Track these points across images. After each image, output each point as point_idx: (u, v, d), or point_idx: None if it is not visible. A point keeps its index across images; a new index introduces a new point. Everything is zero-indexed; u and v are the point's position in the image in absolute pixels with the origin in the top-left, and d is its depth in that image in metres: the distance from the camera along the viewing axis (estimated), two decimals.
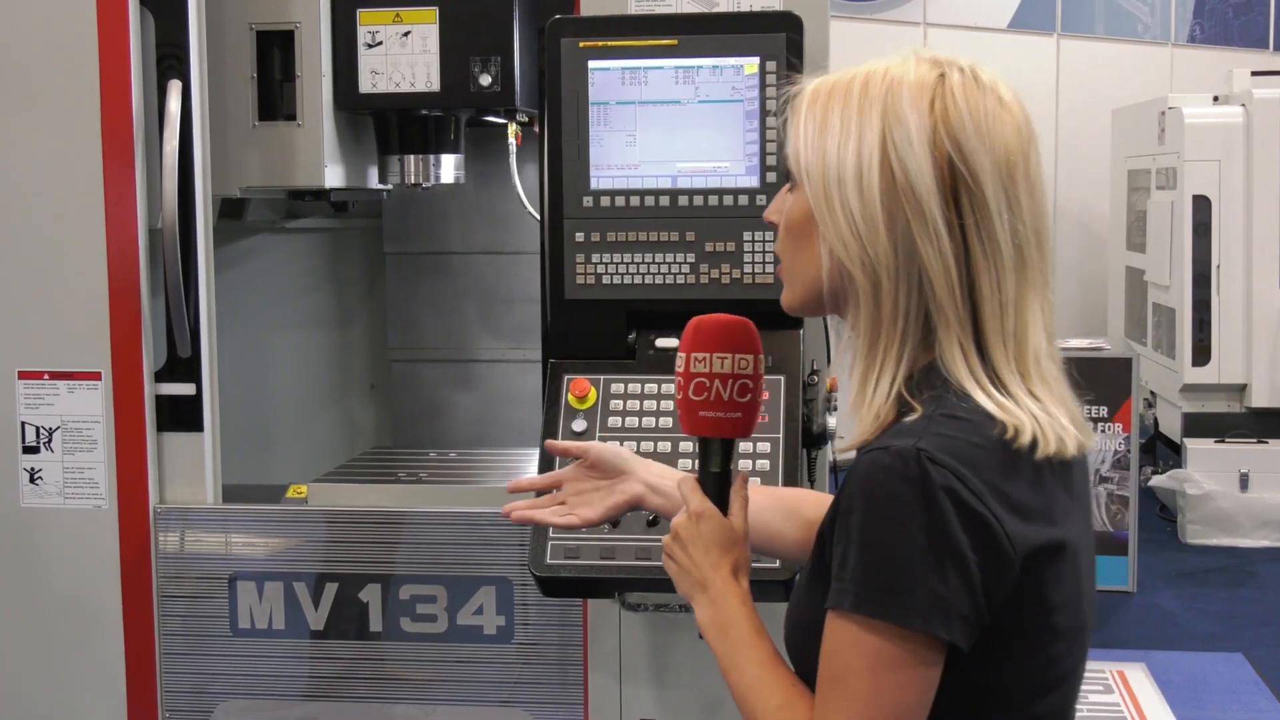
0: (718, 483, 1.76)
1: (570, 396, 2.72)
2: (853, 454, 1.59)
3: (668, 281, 2.73)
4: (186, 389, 3.06)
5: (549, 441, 2.24)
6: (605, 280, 2.75)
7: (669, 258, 2.73)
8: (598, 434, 2.68)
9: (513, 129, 3.28)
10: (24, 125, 3.00)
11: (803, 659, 1.62)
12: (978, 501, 1.47)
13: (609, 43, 2.71)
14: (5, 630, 3.08)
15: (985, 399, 1.53)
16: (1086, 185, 8.18)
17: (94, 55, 2.95)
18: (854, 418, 1.60)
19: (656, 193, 2.72)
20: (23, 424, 3.05)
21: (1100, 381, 5.63)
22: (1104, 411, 5.64)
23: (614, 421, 2.70)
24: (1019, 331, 1.57)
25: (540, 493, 2.17)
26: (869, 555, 1.48)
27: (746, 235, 2.67)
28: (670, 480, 2.02)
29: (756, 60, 2.68)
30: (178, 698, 3.06)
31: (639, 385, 2.71)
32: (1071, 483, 1.61)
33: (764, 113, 2.67)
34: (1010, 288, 1.56)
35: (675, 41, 2.70)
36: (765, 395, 2.47)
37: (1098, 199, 8.11)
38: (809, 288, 1.65)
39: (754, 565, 1.77)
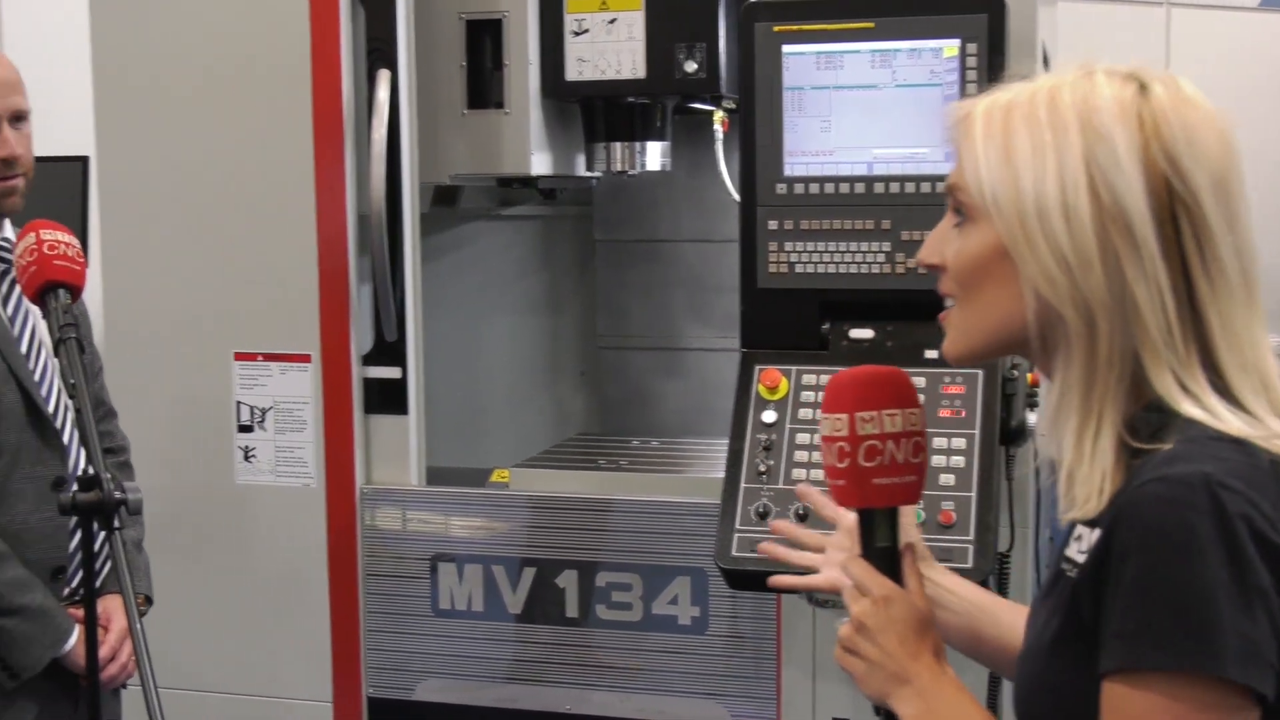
0: (889, 559, 1.57)
1: (761, 387, 2.68)
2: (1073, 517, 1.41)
3: (862, 271, 2.67)
4: (393, 372, 3.12)
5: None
6: (798, 269, 2.70)
7: (863, 246, 2.67)
8: (788, 425, 2.65)
9: (718, 115, 3.25)
10: (239, 115, 3.10)
11: None
12: (1273, 531, 1.29)
13: (804, 26, 2.66)
14: (219, 600, 3.20)
15: (1233, 419, 1.35)
16: None
17: (306, 46, 3.03)
18: (1072, 479, 1.40)
19: (851, 179, 2.67)
20: (238, 404, 3.16)
21: None
22: None
23: (804, 413, 2.65)
24: (1257, 363, 1.39)
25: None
26: (1164, 600, 1.28)
27: None
28: (957, 590, 1.79)
29: (956, 43, 2.59)
30: (380, 674, 3.13)
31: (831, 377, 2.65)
32: None
33: (964, 97, 2.58)
34: (1239, 316, 1.39)
35: (872, 24, 2.63)
36: None
37: None
38: (994, 334, 1.47)
39: None
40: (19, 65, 2.62)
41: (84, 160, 4.14)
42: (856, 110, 2.65)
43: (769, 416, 2.66)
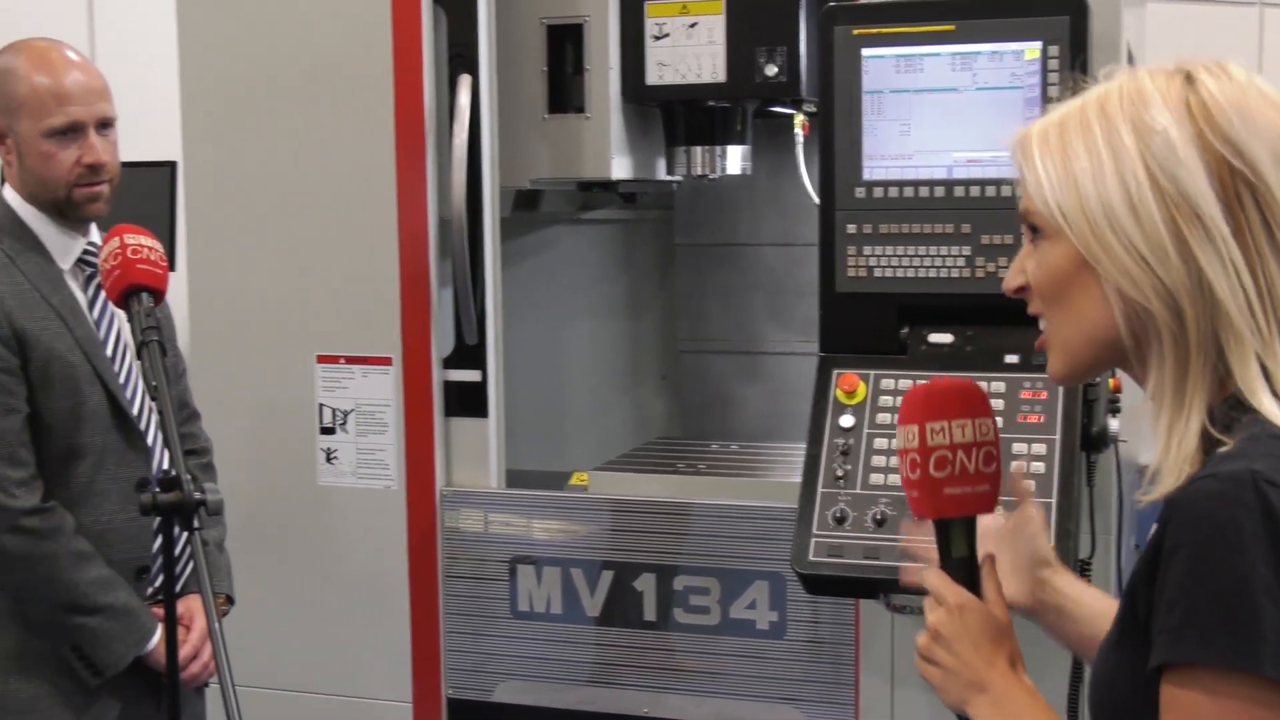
0: (966, 569, 1.59)
1: (838, 391, 2.67)
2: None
3: (942, 275, 2.65)
4: (473, 375, 3.14)
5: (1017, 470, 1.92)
6: (877, 273, 2.68)
7: (943, 250, 2.64)
8: (865, 430, 2.63)
9: (799, 119, 3.25)
10: (322, 121, 3.13)
11: None
12: None
13: (883, 29, 2.64)
14: (302, 601, 3.23)
15: None
16: None
17: (388, 52, 3.06)
18: (1160, 467, 1.40)
19: (931, 183, 2.64)
20: (320, 406, 3.19)
21: None
22: None
23: (883, 418, 2.63)
24: None
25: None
26: (1207, 594, 1.29)
27: None
28: (1082, 600, 1.79)
29: (1038, 45, 2.56)
30: (460, 674, 3.15)
31: (910, 381, 2.64)
32: None
33: (1045, 100, 2.55)
34: None
35: (952, 27, 2.61)
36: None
37: None
38: (1091, 343, 1.47)
39: None
40: (111, 73, 2.67)
41: (172, 165, 4.21)
42: (936, 113, 2.63)
43: (846, 421, 2.65)
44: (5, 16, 4.42)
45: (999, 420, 1.62)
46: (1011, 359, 2.61)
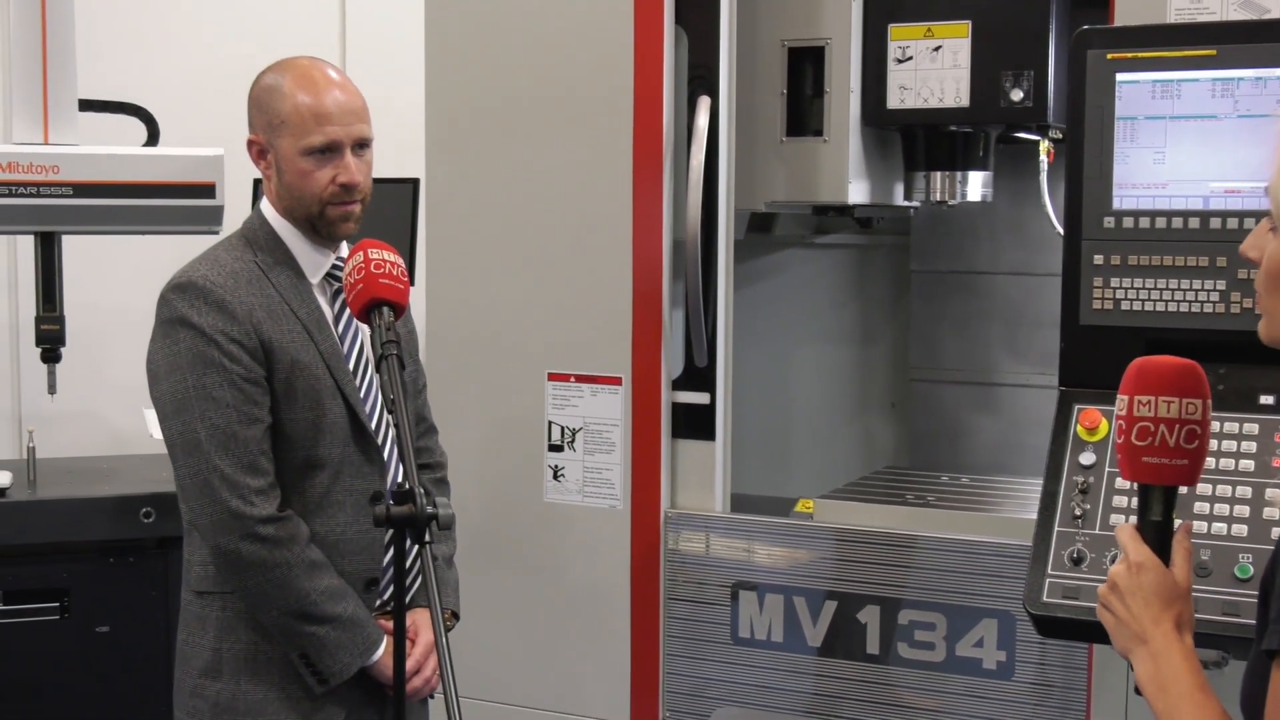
0: (1158, 532, 1.73)
1: (1079, 427, 2.58)
2: None
3: (1193, 310, 2.54)
4: (701, 398, 3.13)
5: None
6: (1124, 306, 2.59)
7: (1196, 284, 2.53)
8: (1107, 468, 2.53)
9: (1044, 145, 3.16)
10: (562, 140, 3.16)
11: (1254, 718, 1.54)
12: None
13: (1139, 54, 2.55)
14: (526, 615, 3.26)
15: None
16: None
17: (629, 72, 3.08)
18: None
19: (1185, 214, 2.54)
20: (550, 423, 3.22)
21: None
22: None
23: None
24: None
25: None
26: None
27: None
28: None
29: None
30: (678, 697, 3.14)
31: None
32: None
33: None
34: None
35: (1214, 51, 2.50)
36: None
37: None
38: None
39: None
40: (360, 90, 2.72)
41: (415, 181, 4.31)
42: (1193, 142, 2.52)
43: (1087, 458, 2.55)
44: (262, 36, 4.59)
45: (1249, 463, 1.73)
46: (1267, 400, 2.48)
